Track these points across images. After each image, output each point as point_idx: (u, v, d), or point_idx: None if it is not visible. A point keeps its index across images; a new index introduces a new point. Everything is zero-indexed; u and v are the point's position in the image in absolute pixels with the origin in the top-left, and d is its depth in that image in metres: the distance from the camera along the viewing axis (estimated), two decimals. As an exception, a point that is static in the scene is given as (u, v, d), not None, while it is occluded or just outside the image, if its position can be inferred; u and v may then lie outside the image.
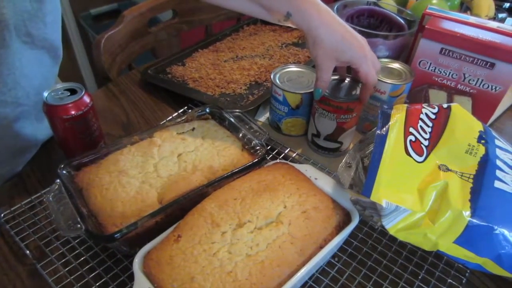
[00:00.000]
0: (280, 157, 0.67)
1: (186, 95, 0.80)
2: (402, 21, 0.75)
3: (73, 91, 0.59)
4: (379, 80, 0.65)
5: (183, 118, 0.64)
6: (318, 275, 0.51)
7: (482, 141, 0.49)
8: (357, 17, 0.80)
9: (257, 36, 1.05)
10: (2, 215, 0.56)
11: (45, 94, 0.57)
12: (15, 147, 0.67)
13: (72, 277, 0.49)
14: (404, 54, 0.74)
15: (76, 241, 0.53)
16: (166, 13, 1.11)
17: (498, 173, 0.47)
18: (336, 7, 0.76)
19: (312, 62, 0.89)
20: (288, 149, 0.69)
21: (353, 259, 0.53)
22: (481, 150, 0.48)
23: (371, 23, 0.80)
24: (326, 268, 0.52)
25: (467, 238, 0.44)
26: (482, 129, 0.51)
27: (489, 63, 0.63)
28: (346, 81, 0.65)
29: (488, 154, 0.48)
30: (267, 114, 0.78)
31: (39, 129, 0.69)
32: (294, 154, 0.68)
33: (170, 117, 0.76)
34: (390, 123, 0.49)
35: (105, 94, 0.85)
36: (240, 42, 1.01)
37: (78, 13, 1.83)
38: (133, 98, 0.83)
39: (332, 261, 0.53)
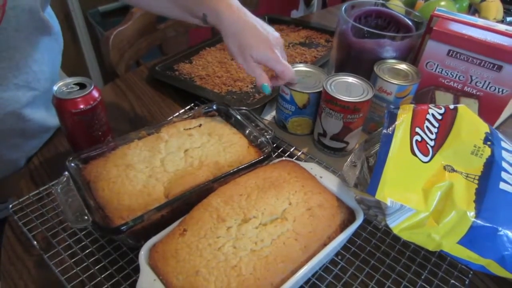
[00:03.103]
0: (286, 155, 0.68)
1: (193, 92, 0.80)
2: (409, 22, 0.75)
3: (82, 86, 0.59)
4: (386, 81, 0.65)
5: (190, 114, 0.64)
6: (322, 272, 0.51)
7: (488, 143, 0.49)
8: (364, 18, 0.80)
9: (264, 35, 1.05)
10: (11, 206, 0.57)
11: (55, 88, 0.58)
12: (27, 132, 0.69)
13: (78, 268, 0.50)
14: (411, 55, 0.74)
15: (82, 233, 0.54)
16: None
17: (504, 175, 0.47)
18: (344, 7, 0.76)
19: (319, 62, 0.90)
20: (294, 147, 0.69)
21: (357, 258, 0.53)
22: (487, 151, 0.48)
23: (378, 24, 0.80)
24: (329, 266, 0.52)
25: (471, 239, 0.44)
26: (488, 131, 0.51)
27: (496, 66, 0.63)
28: (353, 82, 0.65)
29: (494, 156, 0.48)
30: (273, 113, 0.78)
31: (49, 116, 0.70)
32: (300, 153, 0.68)
33: (177, 113, 0.77)
34: (396, 122, 0.50)
35: (112, 89, 0.86)
36: (247, 41, 1.02)
37: (86, 9, 1.84)
38: (140, 94, 0.84)
39: (336, 259, 0.53)
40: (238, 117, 0.63)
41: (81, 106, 0.58)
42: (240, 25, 0.58)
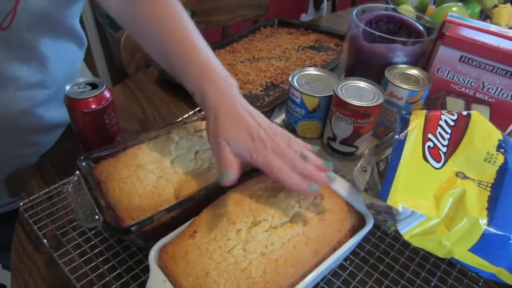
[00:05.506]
0: (295, 158, 0.68)
1: (203, 94, 0.80)
2: (421, 27, 0.75)
3: (94, 86, 0.60)
4: (396, 86, 0.65)
5: (200, 116, 0.64)
6: (330, 277, 0.51)
7: (501, 150, 0.49)
8: (375, 22, 0.80)
9: (274, 38, 1.06)
10: (21, 203, 0.57)
11: (67, 87, 0.58)
12: (42, 128, 0.71)
13: (87, 267, 0.50)
14: (422, 60, 0.74)
15: (92, 232, 0.54)
16: (184, 12, 1.12)
17: (517, 182, 0.46)
18: (355, 12, 0.76)
19: (329, 66, 0.90)
20: (303, 151, 0.69)
21: (365, 263, 0.53)
22: (500, 159, 0.48)
23: (389, 28, 0.80)
24: (338, 270, 0.52)
25: (482, 246, 0.44)
26: (502, 138, 0.50)
27: (509, 73, 0.62)
28: (364, 86, 0.65)
29: (507, 163, 0.47)
30: (283, 116, 0.78)
31: (63, 113, 0.72)
32: (309, 156, 0.68)
33: (187, 114, 0.77)
34: (409, 128, 0.50)
35: (122, 90, 0.86)
36: (256, 44, 1.02)
37: (96, 10, 1.86)
38: (150, 95, 0.84)
39: (344, 264, 0.53)
40: (248, 119, 0.63)
41: (93, 106, 0.58)
42: (225, 118, 0.47)
